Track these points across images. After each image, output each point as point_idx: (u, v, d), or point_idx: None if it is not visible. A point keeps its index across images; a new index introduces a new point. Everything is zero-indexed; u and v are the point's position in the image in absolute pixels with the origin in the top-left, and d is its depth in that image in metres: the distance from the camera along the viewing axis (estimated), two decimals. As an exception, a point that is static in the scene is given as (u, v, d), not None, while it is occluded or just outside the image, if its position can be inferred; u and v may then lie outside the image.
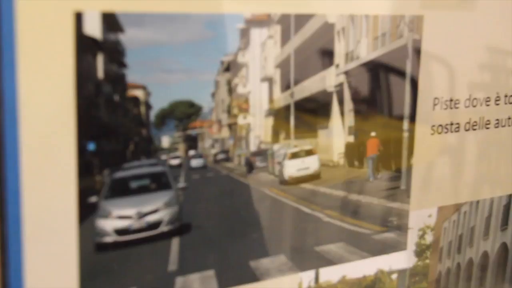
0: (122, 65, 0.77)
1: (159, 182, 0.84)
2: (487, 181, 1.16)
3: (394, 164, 1.03)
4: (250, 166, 0.91)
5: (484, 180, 1.16)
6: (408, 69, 1.01)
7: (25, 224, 0.72)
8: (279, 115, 0.91)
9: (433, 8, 0.99)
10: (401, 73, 1.01)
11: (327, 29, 0.92)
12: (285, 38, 0.89)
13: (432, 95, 1.05)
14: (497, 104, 1.13)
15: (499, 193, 1.19)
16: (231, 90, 0.87)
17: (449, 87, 1.07)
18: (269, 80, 0.90)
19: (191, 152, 0.85)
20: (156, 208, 0.83)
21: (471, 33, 1.06)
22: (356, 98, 0.98)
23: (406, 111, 1.02)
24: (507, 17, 1.09)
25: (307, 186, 0.96)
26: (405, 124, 1.03)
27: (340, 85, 0.95)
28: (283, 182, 0.94)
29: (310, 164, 0.96)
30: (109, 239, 0.80)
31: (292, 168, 0.94)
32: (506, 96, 1.14)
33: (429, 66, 1.03)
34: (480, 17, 1.06)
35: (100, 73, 0.76)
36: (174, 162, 0.84)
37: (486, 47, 1.10)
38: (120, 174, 0.80)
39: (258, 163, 0.91)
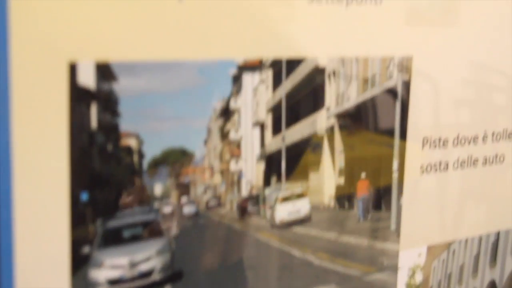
0: (116, 114, 0.77)
1: (152, 230, 0.83)
2: (476, 218, 1.17)
3: (384, 204, 1.04)
4: (242, 211, 0.90)
5: (473, 218, 1.17)
6: (398, 110, 1.02)
7: (18, 276, 0.72)
8: (271, 159, 0.91)
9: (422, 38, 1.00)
10: (390, 114, 1.02)
11: (318, 72, 0.93)
12: (276, 82, 0.89)
13: (421, 135, 1.06)
14: (485, 142, 1.14)
15: (488, 230, 1.20)
16: (223, 136, 0.87)
17: (437, 127, 1.08)
18: (261, 125, 0.90)
19: (183, 199, 0.85)
20: (148, 256, 0.83)
21: (458, 73, 1.07)
22: (346, 140, 0.98)
23: (396, 151, 1.03)
24: (496, 58, 1.10)
25: (298, 229, 0.96)
26: (395, 164, 1.03)
27: (331, 127, 0.96)
28: (275, 226, 0.94)
29: (301, 208, 0.96)
30: None
31: (283, 212, 0.94)
32: (493, 134, 1.15)
33: (418, 106, 1.03)
34: (468, 56, 1.07)
35: (94, 123, 0.76)
36: (167, 209, 0.84)
37: (475, 85, 1.11)
38: (112, 223, 0.79)
39: (250, 207, 0.91)
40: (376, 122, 1.01)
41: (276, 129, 0.91)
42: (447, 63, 1.05)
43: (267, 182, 0.91)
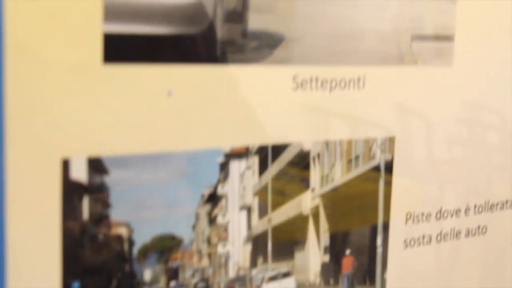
0: (107, 205, 0.80)
1: None
2: (459, 290, 1.20)
3: (369, 279, 1.07)
4: (229, 293, 0.93)
5: (456, 289, 1.20)
6: (381, 188, 1.05)
7: None
8: (257, 240, 0.95)
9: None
10: (374, 193, 1.05)
11: (303, 156, 0.97)
12: (262, 167, 0.93)
13: (404, 211, 1.09)
14: (467, 215, 1.18)
15: (471, 301, 1.23)
16: (211, 221, 0.90)
17: (421, 202, 1.11)
18: (248, 208, 0.93)
19: (172, 284, 0.88)
20: None
21: (439, 150, 1.11)
22: (331, 219, 1.01)
23: (380, 228, 1.06)
24: (476, 133, 1.14)
25: (285, 307, 0.99)
26: (379, 240, 1.07)
27: (316, 207, 0.99)
28: (261, 306, 0.97)
29: (287, 286, 0.99)
30: None
31: (270, 292, 0.97)
32: (475, 206, 1.19)
33: (401, 183, 1.07)
34: (449, 136, 1.11)
35: (86, 214, 0.79)
36: None
37: (457, 160, 1.15)
38: None
39: (237, 289, 0.94)
40: (360, 200, 1.04)
41: (262, 212, 0.94)
42: (428, 142, 1.09)
43: (253, 263, 0.94)
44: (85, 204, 0.79)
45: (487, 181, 1.21)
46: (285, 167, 0.95)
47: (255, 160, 0.92)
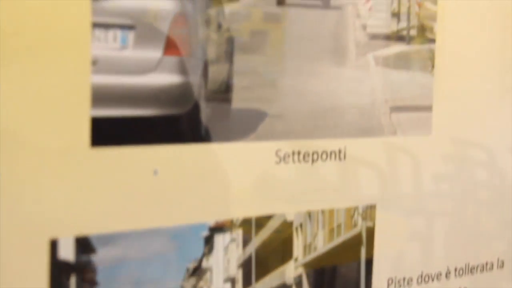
0: (94, 283, 0.82)
1: None
2: None
3: None
4: None
5: None
6: (363, 255, 1.08)
7: None
8: (242, 312, 0.97)
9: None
10: (356, 259, 1.07)
11: (286, 226, 0.99)
12: (246, 239, 0.95)
13: (386, 276, 1.11)
14: (448, 279, 1.20)
15: None
16: (196, 294, 0.92)
17: (402, 267, 1.13)
18: (232, 280, 0.95)
19: None
20: None
21: (420, 215, 1.14)
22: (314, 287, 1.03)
23: (362, 294, 1.08)
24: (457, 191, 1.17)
25: None
26: (361, 307, 1.09)
27: (299, 276, 1.01)
28: None
29: None
30: None
31: None
32: (456, 269, 1.21)
33: (382, 250, 1.09)
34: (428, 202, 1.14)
35: (73, 293, 0.81)
36: None
37: (438, 223, 1.18)
38: None
39: None
40: (343, 268, 1.06)
41: (246, 283, 0.96)
42: (409, 208, 1.12)
43: (238, 332, 0.96)
44: (72, 283, 0.81)
45: (466, 245, 1.23)
46: (269, 238, 0.97)
47: (239, 233, 0.94)
